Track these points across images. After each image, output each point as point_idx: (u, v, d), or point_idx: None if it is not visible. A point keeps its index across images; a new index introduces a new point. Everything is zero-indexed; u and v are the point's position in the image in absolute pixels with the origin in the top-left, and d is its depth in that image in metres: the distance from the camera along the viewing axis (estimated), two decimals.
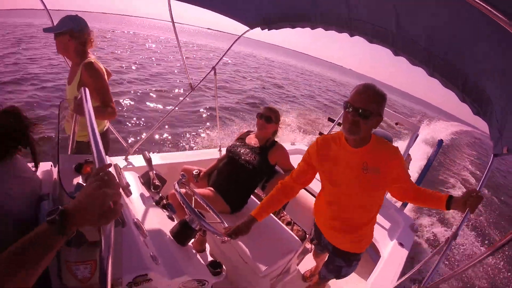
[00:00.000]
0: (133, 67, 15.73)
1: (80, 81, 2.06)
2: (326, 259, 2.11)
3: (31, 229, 1.12)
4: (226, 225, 1.64)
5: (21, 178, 1.25)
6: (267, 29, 2.82)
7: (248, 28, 2.94)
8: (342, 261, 1.90)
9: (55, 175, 1.53)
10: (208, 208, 1.82)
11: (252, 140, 2.56)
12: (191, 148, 7.05)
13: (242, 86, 17.48)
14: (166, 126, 7.92)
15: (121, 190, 1.27)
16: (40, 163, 2.05)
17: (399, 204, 3.65)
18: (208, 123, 9.00)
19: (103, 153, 0.86)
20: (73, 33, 2.02)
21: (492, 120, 1.66)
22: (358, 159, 1.54)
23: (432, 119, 27.79)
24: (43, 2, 2.30)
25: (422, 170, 3.69)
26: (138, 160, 2.74)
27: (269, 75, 27.08)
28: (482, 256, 1.28)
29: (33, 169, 1.29)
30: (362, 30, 2.11)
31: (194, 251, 1.56)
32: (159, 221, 1.63)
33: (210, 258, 1.58)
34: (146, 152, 2.10)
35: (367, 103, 1.39)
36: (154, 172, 1.97)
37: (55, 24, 2.05)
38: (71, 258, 0.93)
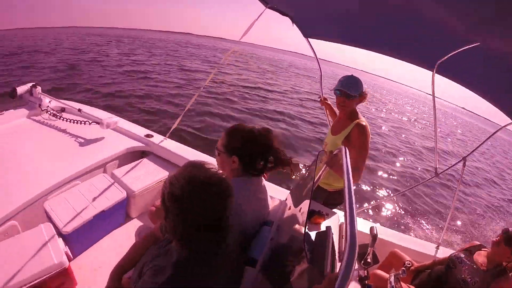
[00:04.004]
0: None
1: (347, 136, 2.19)
2: None
3: (247, 246, 1.31)
4: None
5: (257, 199, 1.51)
6: None
7: (511, 121, 2.49)
8: None
9: (286, 209, 1.78)
10: None
11: (480, 258, 2.14)
12: (407, 231, 6.45)
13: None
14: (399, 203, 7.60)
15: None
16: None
17: None
18: (434, 213, 7.97)
19: (355, 224, 0.85)
20: (360, 97, 2.18)
21: None
22: None
23: None
24: (314, 53, 2.84)
25: None
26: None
27: None
28: None
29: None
30: None
31: None
32: None
33: None
34: (375, 227, 2.06)
35: None
36: (373, 249, 1.96)
37: (340, 84, 2.20)
38: None
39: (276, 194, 2.57)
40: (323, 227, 1.71)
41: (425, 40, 2.04)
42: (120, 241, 2.41)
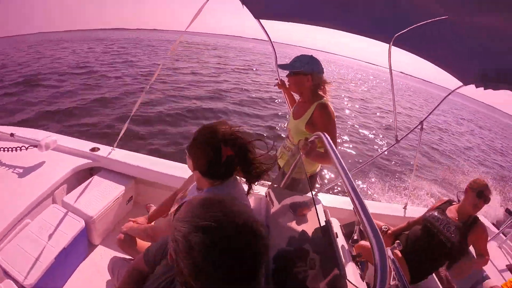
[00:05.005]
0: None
1: (310, 119, 2.13)
2: None
3: None
4: None
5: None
6: (482, 88, 2.52)
7: (461, 84, 2.70)
8: None
9: (270, 207, 1.70)
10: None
11: (452, 213, 2.31)
12: (375, 198, 6.76)
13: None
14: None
15: None
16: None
17: None
18: (398, 176, 8.48)
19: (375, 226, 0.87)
20: (313, 75, 2.07)
21: None
22: None
23: None
24: (267, 35, 2.74)
25: None
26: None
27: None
28: None
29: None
30: None
31: None
32: (355, 279, 1.59)
33: None
34: None
35: None
36: (359, 227, 1.96)
37: (289, 62, 2.13)
38: None
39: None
40: (309, 219, 1.67)
41: (384, 14, 2.03)
42: (89, 275, 2.15)
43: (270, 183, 2.51)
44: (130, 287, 1.19)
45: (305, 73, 2.07)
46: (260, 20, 2.65)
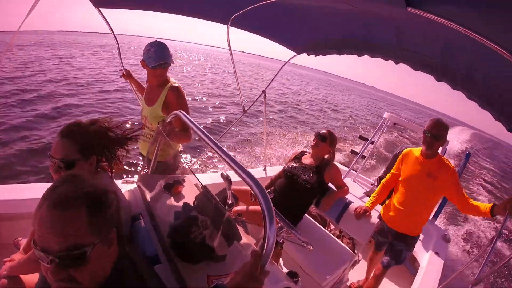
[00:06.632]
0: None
1: (165, 102, 2.19)
2: (380, 258, 2.64)
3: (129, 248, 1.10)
4: (300, 235, 1.74)
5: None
6: (313, 55, 2.99)
7: (295, 54, 3.12)
8: (402, 244, 2.49)
9: (145, 195, 1.69)
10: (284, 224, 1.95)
11: (307, 159, 2.68)
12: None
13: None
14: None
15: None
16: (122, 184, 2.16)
17: (431, 216, 3.76)
18: (251, 143, 9.17)
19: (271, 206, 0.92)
20: (162, 62, 2.14)
21: None
22: (426, 168, 2.30)
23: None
24: (109, 25, 2.59)
25: None
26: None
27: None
28: None
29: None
30: (408, 59, 2.33)
31: (274, 262, 1.69)
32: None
33: (284, 269, 1.71)
34: (224, 172, 2.07)
35: (439, 131, 2.23)
36: (231, 191, 2.10)
37: (153, 54, 2.10)
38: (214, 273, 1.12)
39: None
40: (185, 194, 1.76)
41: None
42: None
43: (135, 179, 2.42)
44: None
45: (169, 64, 2.16)
46: (101, 9, 2.42)
